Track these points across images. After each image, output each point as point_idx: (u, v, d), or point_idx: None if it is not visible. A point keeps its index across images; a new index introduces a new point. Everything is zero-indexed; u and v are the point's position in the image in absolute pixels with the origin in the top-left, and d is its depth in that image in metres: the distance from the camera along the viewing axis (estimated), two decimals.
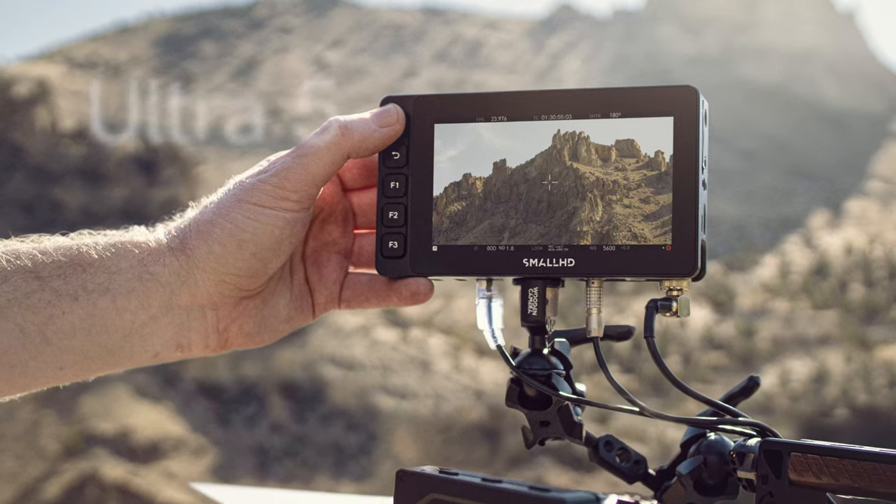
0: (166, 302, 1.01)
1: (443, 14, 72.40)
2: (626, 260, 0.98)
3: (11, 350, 0.96)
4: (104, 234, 1.02)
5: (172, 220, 1.05)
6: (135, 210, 27.40)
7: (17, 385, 0.99)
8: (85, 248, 1.00)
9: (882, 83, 67.21)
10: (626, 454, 1.05)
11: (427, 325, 26.74)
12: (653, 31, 73.01)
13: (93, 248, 1.00)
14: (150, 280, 1.00)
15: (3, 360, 0.96)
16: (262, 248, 0.99)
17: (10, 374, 0.97)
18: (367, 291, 1.08)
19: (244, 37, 61.65)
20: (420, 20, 70.05)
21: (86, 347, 0.99)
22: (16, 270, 0.97)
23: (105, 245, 1.00)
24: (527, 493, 0.76)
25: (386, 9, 72.65)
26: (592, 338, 1.01)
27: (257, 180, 1.00)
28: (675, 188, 0.97)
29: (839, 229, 37.76)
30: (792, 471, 0.90)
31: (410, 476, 0.85)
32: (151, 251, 1.01)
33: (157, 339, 1.02)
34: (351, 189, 1.10)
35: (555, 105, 1.02)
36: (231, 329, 1.04)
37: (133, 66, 51.30)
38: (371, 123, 1.02)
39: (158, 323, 1.01)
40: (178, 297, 1.01)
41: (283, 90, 49.74)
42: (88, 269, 0.99)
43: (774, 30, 73.55)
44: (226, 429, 20.98)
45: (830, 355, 25.99)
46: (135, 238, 1.02)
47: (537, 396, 1.02)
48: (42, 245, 1.00)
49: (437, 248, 1.03)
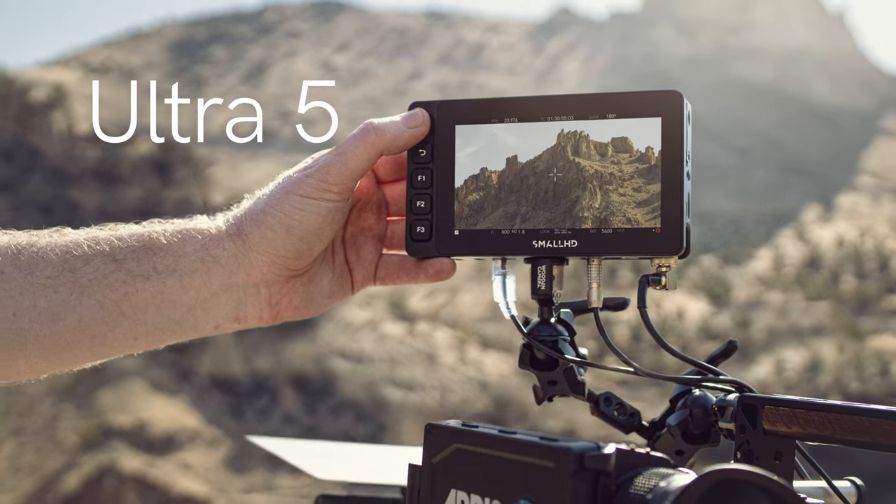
0: (225, 280, 1.09)
1: (446, 18, 71.47)
2: (622, 241, 1.05)
3: (93, 323, 1.05)
4: (171, 222, 1.10)
5: (230, 210, 1.13)
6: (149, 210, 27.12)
7: (98, 354, 1.08)
8: (155, 234, 1.08)
9: (871, 81, 66.58)
10: (623, 408, 1.13)
11: (433, 319, 26.36)
12: (649, 32, 72.23)
13: (162, 235, 1.08)
14: (212, 262, 1.08)
15: (85, 331, 1.05)
16: (308, 234, 1.08)
17: (92, 343, 1.06)
18: (398, 270, 1.17)
19: (254, 41, 60.87)
20: (424, 24, 69.21)
21: (156, 320, 1.08)
22: (96, 254, 1.06)
23: (172, 231, 1.09)
24: (537, 442, 0.78)
25: (391, 13, 71.74)
26: (593, 308, 1.09)
27: (303, 175, 1.09)
28: (663, 179, 1.04)
29: (831, 223, 37.34)
30: (766, 421, 0.97)
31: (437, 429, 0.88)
32: (212, 236, 1.09)
33: (217, 312, 1.10)
34: (384, 182, 1.19)
35: (559, 108, 1.09)
36: (282, 303, 1.13)
37: (146, 70, 50.73)
38: (401, 125, 1.11)
39: (219, 299, 1.10)
40: (235, 276, 1.09)
41: (291, 93, 49.19)
42: (158, 252, 1.07)
43: (766, 30, 72.79)
44: (239, 421, 20.72)
45: (823, 345, 25.70)
46: (198, 225, 1.10)
47: (546, 359, 1.10)
48: (118, 232, 1.08)
49: (458, 232, 1.12)
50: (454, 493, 0.84)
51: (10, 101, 33.31)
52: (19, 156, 31.37)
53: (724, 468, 0.67)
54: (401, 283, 1.18)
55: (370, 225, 1.19)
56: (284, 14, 68.47)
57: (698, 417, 1.07)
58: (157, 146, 31.33)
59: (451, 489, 0.85)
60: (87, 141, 31.73)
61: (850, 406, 0.91)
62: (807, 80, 65.13)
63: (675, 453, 1.08)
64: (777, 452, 0.98)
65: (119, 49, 55.56)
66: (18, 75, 37.65)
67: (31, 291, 1.03)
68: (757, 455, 0.99)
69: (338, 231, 1.13)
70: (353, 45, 63.32)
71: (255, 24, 65.64)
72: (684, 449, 1.08)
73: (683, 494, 0.67)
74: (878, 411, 0.89)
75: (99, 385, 20.36)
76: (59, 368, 1.09)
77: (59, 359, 1.07)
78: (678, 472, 0.73)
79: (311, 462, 1.53)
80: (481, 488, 0.82)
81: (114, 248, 1.07)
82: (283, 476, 18.36)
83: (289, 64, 56.76)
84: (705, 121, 50.38)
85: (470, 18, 72.58)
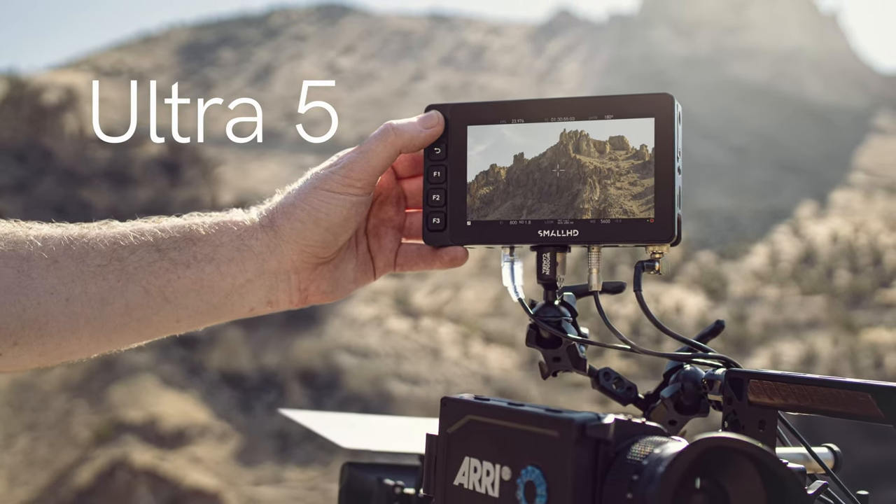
0: (259, 268, 1.16)
1: (448, 20, 70.80)
2: (619, 230, 1.11)
3: (139, 307, 1.12)
4: (210, 215, 1.17)
5: (263, 204, 1.19)
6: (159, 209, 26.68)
7: (143, 335, 1.15)
8: (195, 226, 1.15)
9: (864, 80, 66.11)
10: (621, 382, 1.17)
11: (437, 315, 26.17)
12: (647, 34, 71.65)
13: (201, 226, 1.15)
14: (246, 251, 1.15)
15: (132, 315, 1.12)
16: (334, 225, 1.15)
17: (138, 326, 1.13)
18: (416, 257, 1.24)
19: (260, 44, 60.26)
20: (427, 26, 68.60)
21: (196, 304, 1.15)
22: (141, 245, 1.12)
23: (210, 224, 1.16)
24: (543, 413, 0.82)
25: (394, 16, 71.03)
26: (593, 291, 1.15)
27: (329, 171, 1.15)
28: (657, 174, 1.10)
29: (825, 219, 37.14)
30: (750, 393, 1.02)
31: (452, 402, 0.93)
32: (247, 228, 1.16)
33: (252, 297, 1.17)
34: (402, 177, 1.25)
35: (561, 109, 1.15)
36: (310, 288, 1.20)
37: (156, 73, 50.41)
38: (418, 126, 1.18)
39: (253, 284, 1.16)
40: (268, 263, 1.16)
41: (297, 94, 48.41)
42: (198, 242, 1.14)
43: (761, 31, 72.24)
44: (248, 415, 20.54)
45: (818, 338, 25.52)
46: (234, 218, 1.17)
47: (550, 338, 1.15)
48: (161, 224, 1.15)
49: (470, 222, 1.18)
50: (468, 460, 0.88)
51: (23, 104, 33.15)
52: (32, 157, 31.22)
53: (713, 436, 0.72)
54: (418, 269, 1.24)
55: (390, 216, 1.25)
56: (290, 17, 67.96)
57: (689, 390, 1.12)
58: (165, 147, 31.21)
59: (465, 456, 0.89)
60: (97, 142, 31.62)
61: (827, 379, 0.95)
62: (801, 79, 64.74)
63: (669, 423, 1.12)
64: (761, 422, 1.03)
65: (129, 52, 55.13)
66: (31, 78, 37.42)
67: (83, 279, 1.10)
68: (743, 424, 1.03)
69: (361, 222, 1.20)
70: (358, 48, 62.87)
71: (262, 27, 65.10)
72: (677, 419, 1.13)
73: (676, 460, 0.71)
74: (852, 384, 0.93)
75: (111, 381, 20.25)
76: (108, 349, 1.15)
77: (108, 340, 1.13)
78: (671, 440, 0.77)
79: (337, 432, 1.58)
80: (492, 455, 0.86)
81: (157, 238, 1.14)
82: (291, 469, 18.34)
83: (295, 66, 56.32)
84: (702, 120, 50.05)
85: (472, 21, 71.92)
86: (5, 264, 1.08)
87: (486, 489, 0.86)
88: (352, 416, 1.79)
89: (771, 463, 0.73)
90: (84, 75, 43.24)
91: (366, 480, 1.45)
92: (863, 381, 0.93)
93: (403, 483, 1.43)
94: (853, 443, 16.45)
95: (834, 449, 1.26)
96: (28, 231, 1.11)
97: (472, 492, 0.88)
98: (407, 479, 1.45)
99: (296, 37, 63.51)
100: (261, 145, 37.97)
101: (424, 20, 70.71)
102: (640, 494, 0.72)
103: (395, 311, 26.07)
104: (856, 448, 16.33)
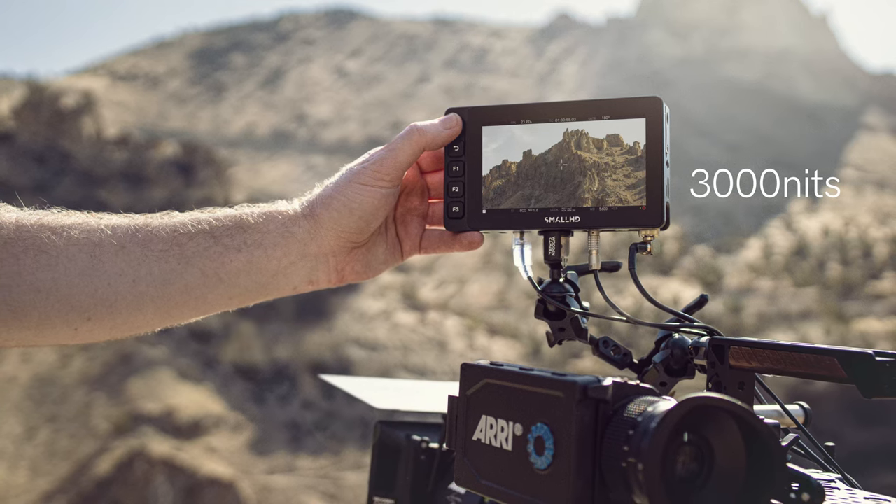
0: (301, 252, 1.26)
1: (452, 24, 70.22)
2: (615, 216, 1.19)
3: (196, 287, 1.22)
4: (258, 206, 1.27)
5: (304, 195, 1.29)
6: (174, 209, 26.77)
7: (200, 311, 1.25)
8: (245, 215, 1.25)
9: (853, 79, 65.56)
10: (618, 349, 1.24)
11: (443, 308, 26.09)
12: (643, 36, 71.11)
13: (250, 216, 1.25)
14: (290, 237, 1.25)
15: (190, 294, 1.22)
16: (366, 214, 1.24)
17: (196, 303, 1.23)
18: (438, 242, 1.33)
19: (271, 49, 59.87)
20: (431, 30, 68.07)
21: (246, 284, 1.24)
22: (198, 232, 1.23)
23: (259, 213, 1.26)
24: (550, 376, 0.87)
25: (400, 20, 70.43)
26: (592, 270, 1.23)
27: (362, 167, 1.25)
28: (648, 167, 1.18)
29: (817, 214, 36.91)
30: (731, 358, 1.08)
31: (470, 367, 0.98)
32: (290, 217, 1.26)
33: (295, 277, 1.27)
34: (426, 171, 1.35)
35: (564, 111, 1.23)
36: (346, 269, 1.29)
37: (170, 77, 50.33)
38: (439, 126, 1.28)
39: (296, 266, 1.26)
40: (309, 248, 1.26)
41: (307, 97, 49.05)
42: (248, 230, 1.24)
43: (754, 32, 71.71)
44: (261, 406, 20.37)
45: (811, 329, 25.26)
46: (279, 208, 1.27)
47: (556, 311, 1.23)
48: (215, 214, 1.25)
49: (486, 210, 1.27)
50: (485, 419, 0.95)
51: (42, 108, 33.09)
52: (51, 160, 31.12)
53: (699, 396, 0.78)
54: (441, 252, 1.33)
55: (415, 206, 1.35)
56: (299, 22, 67.64)
57: (678, 356, 1.19)
58: (180, 148, 31.15)
59: (482, 415, 0.95)
60: (114, 144, 31.55)
61: (798, 345, 1.01)
62: (792, 78, 64.32)
63: (660, 385, 1.19)
64: (740, 383, 1.09)
65: (144, 57, 54.86)
66: (49, 83, 37.37)
67: (147, 262, 1.19)
68: (724, 385, 1.10)
69: (390, 211, 1.29)
70: (365, 51, 62.55)
71: (272, 32, 64.74)
72: (667, 381, 1.20)
73: (666, 417, 0.76)
74: (820, 349, 0.99)
75: (129, 374, 20.14)
76: (169, 323, 1.25)
77: (169, 315, 1.23)
78: (662, 399, 0.82)
79: (370, 393, 1.69)
80: (506, 414, 0.92)
81: (212, 226, 1.23)
82: (303, 458, 18.31)
83: (304, 70, 56.13)
84: (697, 118, 49.82)
85: (474, 24, 71.41)
86: (80, 250, 1.16)
87: (501, 443, 0.92)
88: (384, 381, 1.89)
89: (749, 419, 0.79)
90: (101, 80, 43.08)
91: (396, 437, 1.55)
92: (829, 347, 0.98)
93: (429, 439, 1.53)
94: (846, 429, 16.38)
95: (804, 406, 1.32)
96: (99, 221, 1.21)
97: (489, 446, 0.94)
98: (432, 435, 1.54)
99: (305, 41, 63.21)
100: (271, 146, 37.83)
101: (429, 24, 70.26)
102: (636, 447, 0.78)
103: (403, 305, 25.95)
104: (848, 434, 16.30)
